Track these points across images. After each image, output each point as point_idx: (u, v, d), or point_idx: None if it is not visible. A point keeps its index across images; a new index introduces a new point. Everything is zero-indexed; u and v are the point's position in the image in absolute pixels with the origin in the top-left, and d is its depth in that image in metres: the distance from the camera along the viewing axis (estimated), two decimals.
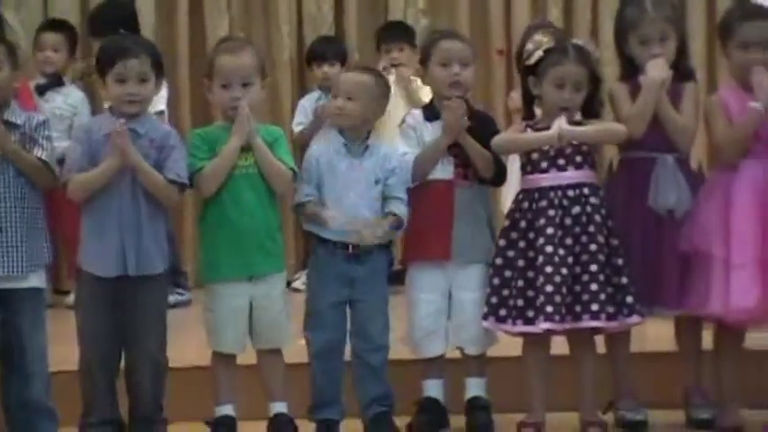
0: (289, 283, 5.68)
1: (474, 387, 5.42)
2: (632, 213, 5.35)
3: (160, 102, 7.44)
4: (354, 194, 5.29)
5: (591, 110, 5.35)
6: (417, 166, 5.35)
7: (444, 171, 5.37)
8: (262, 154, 5.22)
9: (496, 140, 5.33)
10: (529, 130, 5.33)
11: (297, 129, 7.47)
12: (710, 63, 8.12)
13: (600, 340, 5.37)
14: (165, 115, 7.53)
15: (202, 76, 5.40)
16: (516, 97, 5.96)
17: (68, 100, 7.33)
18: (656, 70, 5.30)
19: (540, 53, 5.32)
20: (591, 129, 5.27)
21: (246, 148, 5.20)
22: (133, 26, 7.51)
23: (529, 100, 5.43)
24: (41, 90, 7.31)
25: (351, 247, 5.29)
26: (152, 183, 5.11)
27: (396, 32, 7.96)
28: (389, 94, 5.50)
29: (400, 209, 5.31)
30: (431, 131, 5.41)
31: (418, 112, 5.52)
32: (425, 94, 6.95)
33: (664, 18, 5.40)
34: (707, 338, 5.44)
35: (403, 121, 5.54)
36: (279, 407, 5.30)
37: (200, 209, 5.33)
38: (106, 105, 5.40)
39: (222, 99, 5.26)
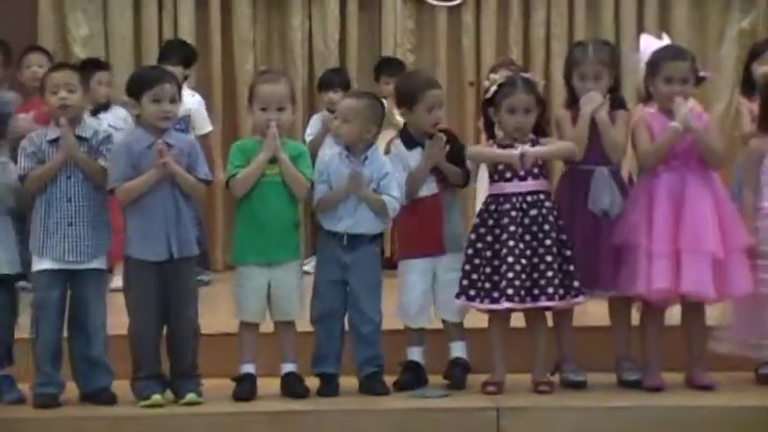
0: None
1: (457, 349, 5.39)
2: (575, 214, 5.33)
3: (207, 124, 7.45)
4: (354, 195, 5.26)
5: (539, 128, 5.34)
6: (409, 188, 5.33)
7: (430, 188, 5.36)
8: (286, 166, 5.21)
9: (471, 151, 5.38)
10: (495, 146, 5.31)
11: (308, 138, 7.48)
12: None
13: (548, 315, 5.36)
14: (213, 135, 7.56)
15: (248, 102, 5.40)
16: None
17: (118, 113, 7.21)
18: (588, 105, 5.29)
19: (494, 88, 5.32)
20: (548, 148, 5.27)
21: (274, 160, 5.20)
22: (189, 58, 7.59)
23: (489, 125, 5.43)
24: (95, 112, 7.23)
25: (345, 238, 5.27)
26: (187, 183, 5.14)
27: (392, 68, 7.93)
28: (384, 115, 5.46)
29: (390, 201, 5.26)
30: (412, 157, 5.37)
31: (399, 142, 5.47)
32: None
33: (599, 61, 5.38)
34: (635, 315, 5.43)
35: (388, 150, 5.50)
36: (290, 366, 5.28)
37: (236, 206, 5.31)
38: None
39: (260, 119, 5.24)
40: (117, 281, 5.55)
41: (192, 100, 7.33)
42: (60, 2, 8.21)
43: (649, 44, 5.54)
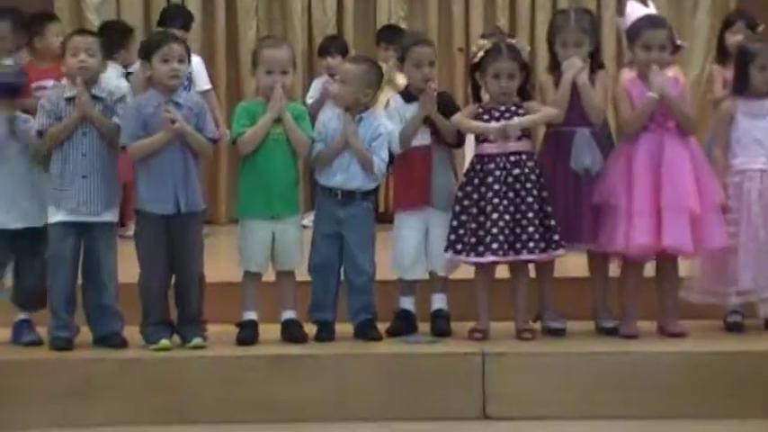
0: None
1: (438, 301, 5.44)
2: (557, 172, 5.35)
3: (206, 82, 7.45)
4: (349, 152, 5.28)
5: (524, 93, 5.35)
6: (403, 136, 5.34)
7: (423, 139, 5.37)
8: (289, 126, 5.23)
9: (456, 120, 5.34)
10: (480, 109, 5.33)
11: (309, 101, 7.47)
12: (619, 58, 8.15)
13: (531, 267, 5.40)
14: (213, 93, 7.54)
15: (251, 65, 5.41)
16: None
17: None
18: (570, 70, 5.31)
19: (481, 53, 5.33)
20: (530, 118, 5.27)
21: (278, 120, 5.21)
22: (188, 23, 7.60)
23: (476, 89, 5.43)
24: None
25: (340, 194, 5.30)
26: (197, 143, 5.15)
27: (392, 35, 7.90)
28: (381, 80, 5.49)
29: (377, 162, 5.28)
30: (410, 110, 5.40)
31: (398, 97, 5.50)
32: (401, 78, 6.96)
33: (580, 29, 5.39)
34: (612, 268, 5.48)
35: (387, 104, 5.54)
36: (289, 314, 5.33)
37: (240, 163, 5.33)
38: None
39: (265, 82, 5.25)
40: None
41: (193, 60, 7.36)
42: None
43: (636, 10, 5.55)
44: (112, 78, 6.97)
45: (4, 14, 7.47)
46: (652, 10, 5.56)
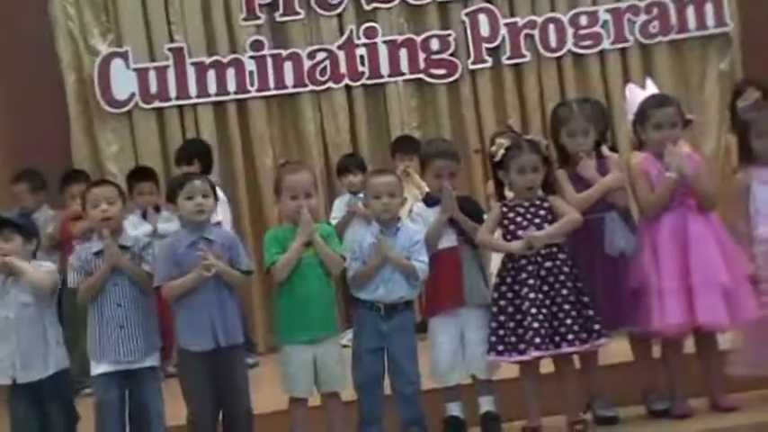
0: None
1: (486, 404, 5.40)
2: (594, 259, 5.34)
3: (219, 215, 7.46)
4: (390, 265, 5.28)
5: (548, 186, 5.37)
6: (429, 239, 5.34)
7: (449, 240, 5.38)
8: (320, 247, 5.22)
9: (480, 239, 5.33)
10: (505, 207, 5.34)
11: (333, 222, 7.47)
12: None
13: (576, 357, 5.35)
14: (222, 223, 7.53)
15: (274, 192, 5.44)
16: (491, 185, 6.03)
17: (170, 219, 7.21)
18: (587, 172, 5.35)
19: (502, 151, 5.36)
20: (554, 228, 5.25)
21: (308, 243, 5.21)
22: (208, 158, 7.61)
23: (500, 187, 5.46)
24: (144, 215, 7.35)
25: (383, 307, 5.28)
26: (232, 278, 5.16)
27: (406, 145, 7.97)
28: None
29: (419, 266, 5.27)
30: (432, 214, 5.42)
31: (421, 204, 5.54)
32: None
33: (585, 117, 5.43)
34: (656, 348, 5.43)
35: (410, 210, 5.57)
36: None
37: (276, 290, 5.28)
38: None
39: (290, 207, 5.26)
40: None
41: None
42: (90, 124, 8.25)
43: (635, 94, 5.59)
44: (136, 222, 7.06)
45: (20, 177, 7.61)
46: (652, 89, 5.60)
